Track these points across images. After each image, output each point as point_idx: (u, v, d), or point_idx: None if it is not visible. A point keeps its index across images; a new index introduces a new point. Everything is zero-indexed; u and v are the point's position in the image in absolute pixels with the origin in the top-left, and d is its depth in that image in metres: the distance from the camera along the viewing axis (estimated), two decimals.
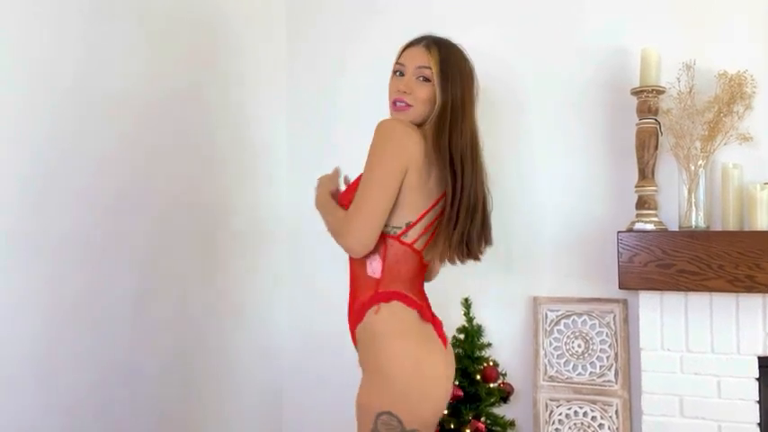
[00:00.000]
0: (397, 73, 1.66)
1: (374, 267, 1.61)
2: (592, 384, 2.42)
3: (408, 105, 1.62)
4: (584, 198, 2.48)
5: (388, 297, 1.59)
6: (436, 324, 1.65)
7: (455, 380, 2.37)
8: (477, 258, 1.68)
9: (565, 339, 2.47)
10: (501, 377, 2.45)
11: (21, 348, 1.77)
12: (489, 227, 1.68)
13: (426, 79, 1.61)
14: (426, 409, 1.55)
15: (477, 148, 1.65)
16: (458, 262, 1.69)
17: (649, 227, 2.22)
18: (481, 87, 1.70)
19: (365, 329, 1.60)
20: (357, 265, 1.66)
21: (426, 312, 1.63)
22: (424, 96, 1.61)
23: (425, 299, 1.70)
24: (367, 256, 1.61)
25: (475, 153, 1.63)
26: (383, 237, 1.59)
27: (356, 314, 1.64)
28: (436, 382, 1.58)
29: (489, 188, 1.69)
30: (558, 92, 2.52)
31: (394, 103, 1.65)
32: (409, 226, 1.59)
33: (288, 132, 2.94)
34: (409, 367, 1.53)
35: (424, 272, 1.70)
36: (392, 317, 1.58)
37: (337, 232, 1.61)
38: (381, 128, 1.58)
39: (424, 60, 1.62)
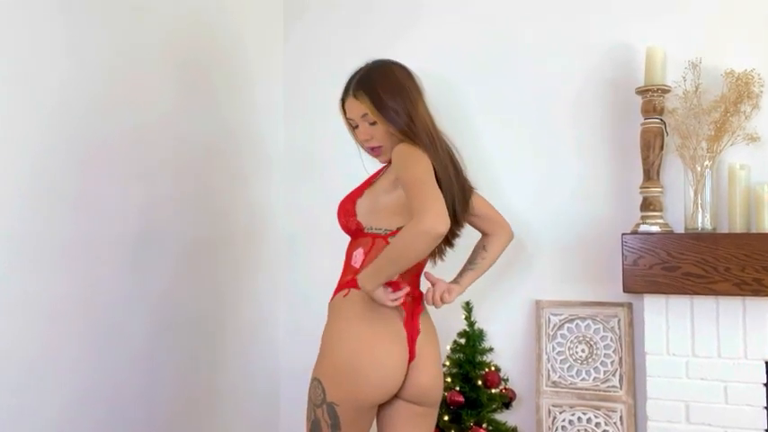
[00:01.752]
0: (353, 127, 1.80)
1: (357, 259, 1.75)
2: (596, 390, 2.37)
3: (379, 146, 1.77)
4: (587, 199, 2.44)
5: (357, 283, 1.68)
6: (408, 312, 1.73)
7: (455, 385, 2.35)
8: (450, 245, 1.83)
9: (568, 344, 2.43)
10: (503, 382, 2.41)
11: (24, 350, 1.78)
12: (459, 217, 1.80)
13: (374, 122, 1.74)
14: (357, 389, 1.64)
15: (436, 138, 1.74)
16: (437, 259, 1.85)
17: (654, 229, 2.18)
18: (481, 85, 1.67)
19: (330, 306, 1.77)
20: (348, 254, 1.80)
21: None
22: (383, 134, 1.74)
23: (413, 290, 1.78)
24: (355, 249, 1.77)
25: (435, 144, 1.72)
26: (372, 236, 1.74)
27: (333, 294, 1.79)
28: (377, 366, 1.65)
29: (462, 165, 1.82)
30: (561, 90, 2.48)
31: (370, 150, 1.80)
32: (399, 229, 1.64)
33: (286, 133, 2.91)
34: (345, 347, 1.66)
35: (414, 267, 1.74)
36: (351, 300, 1.70)
37: (411, 230, 1.51)
38: (402, 147, 1.68)
39: (361, 109, 1.74)
